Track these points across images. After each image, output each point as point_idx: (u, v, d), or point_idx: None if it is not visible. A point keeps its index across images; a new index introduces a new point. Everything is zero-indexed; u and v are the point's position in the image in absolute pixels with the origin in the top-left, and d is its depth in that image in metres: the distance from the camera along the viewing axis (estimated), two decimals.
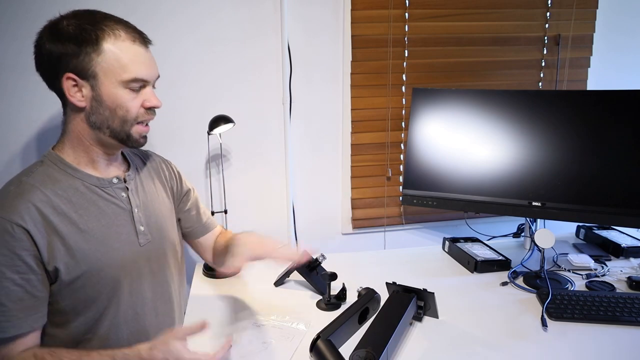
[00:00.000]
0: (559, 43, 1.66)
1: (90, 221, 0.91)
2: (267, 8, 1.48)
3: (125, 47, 0.87)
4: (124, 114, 0.90)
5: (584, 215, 1.30)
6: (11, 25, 1.33)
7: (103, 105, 0.88)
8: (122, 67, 0.87)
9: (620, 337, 1.01)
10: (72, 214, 0.89)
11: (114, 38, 0.86)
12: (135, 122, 0.92)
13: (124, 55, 0.87)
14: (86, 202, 0.92)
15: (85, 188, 0.93)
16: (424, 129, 1.46)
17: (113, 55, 0.86)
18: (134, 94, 0.90)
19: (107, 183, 0.96)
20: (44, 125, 1.41)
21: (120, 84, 0.87)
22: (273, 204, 1.64)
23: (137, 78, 0.89)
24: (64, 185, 0.90)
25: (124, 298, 0.96)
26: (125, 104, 0.89)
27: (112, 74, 0.86)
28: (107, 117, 0.89)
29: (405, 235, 1.76)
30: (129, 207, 0.98)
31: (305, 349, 0.93)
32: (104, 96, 0.88)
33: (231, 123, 1.41)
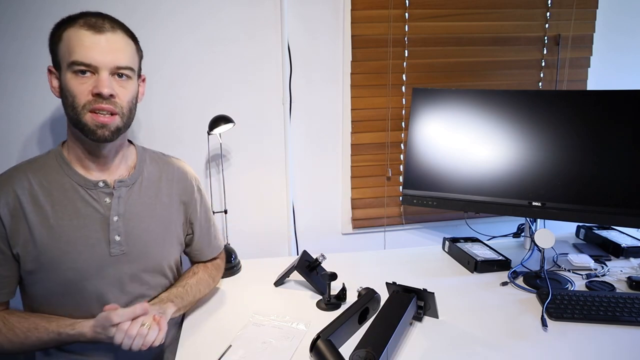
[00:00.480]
0: (559, 43, 1.66)
1: (63, 219, 0.93)
2: (267, 8, 1.48)
3: (75, 32, 0.88)
4: (72, 100, 0.89)
5: (584, 215, 1.30)
6: (11, 25, 1.33)
7: (63, 93, 0.91)
8: (69, 51, 0.88)
9: (620, 337, 1.01)
10: (47, 208, 0.92)
11: (70, 26, 0.89)
12: (86, 109, 0.89)
13: (72, 40, 0.88)
14: (66, 199, 0.93)
15: (69, 185, 0.94)
16: (424, 129, 1.46)
17: (66, 42, 0.88)
18: (81, 79, 0.88)
19: (91, 185, 0.96)
20: (44, 126, 1.41)
21: (67, 69, 0.88)
22: (273, 204, 1.64)
23: (78, 61, 0.87)
24: (51, 178, 0.93)
25: (91, 303, 0.96)
26: (72, 88, 0.88)
27: (64, 59, 0.89)
28: (65, 106, 0.91)
29: (405, 235, 1.76)
30: (107, 213, 0.96)
31: (305, 349, 0.94)
32: (62, 84, 0.90)
33: (231, 123, 1.41)
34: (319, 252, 1.27)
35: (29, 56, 1.36)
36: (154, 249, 1.04)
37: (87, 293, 0.96)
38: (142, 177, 1.04)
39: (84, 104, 0.88)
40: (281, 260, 1.47)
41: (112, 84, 0.89)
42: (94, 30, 0.87)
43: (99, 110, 0.89)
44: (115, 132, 0.92)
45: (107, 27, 0.89)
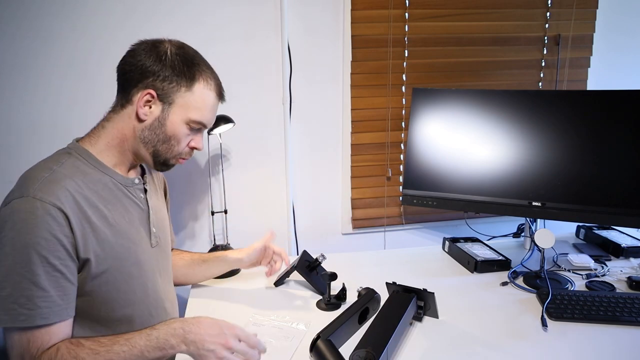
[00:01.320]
0: (559, 43, 1.66)
1: (116, 216, 0.93)
2: (267, 8, 1.48)
3: (210, 96, 0.96)
4: (174, 144, 0.96)
5: (584, 215, 1.30)
6: (11, 25, 1.33)
7: (162, 128, 0.94)
8: (197, 108, 0.95)
9: (620, 337, 1.01)
10: (102, 207, 0.90)
11: (205, 84, 0.95)
12: (179, 156, 0.99)
13: (205, 101, 0.96)
14: (113, 197, 0.94)
15: (112, 184, 0.95)
16: (424, 129, 1.46)
17: (197, 97, 0.94)
18: (189, 132, 0.97)
19: (130, 182, 0.99)
20: (44, 126, 1.41)
21: (186, 120, 0.95)
22: (273, 204, 1.64)
23: (202, 122, 0.97)
24: (93, 178, 0.91)
25: (139, 297, 0.97)
26: (180, 137, 0.96)
27: (186, 110, 0.94)
28: (159, 139, 0.95)
29: (405, 235, 1.76)
30: (146, 208, 1.02)
31: (305, 349, 0.93)
32: (168, 122, 0.94)
33: (231, 123, 1.41)
34: (319, 252, 1.27)
35: (29, 56, 1.36)
36: (169, 239, 1.13)
37: (146, 289, 0.99)
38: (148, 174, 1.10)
39: (181, 152, 0.99)
40: None
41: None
42: (220, 100, 1.01)
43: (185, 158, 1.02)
44: None
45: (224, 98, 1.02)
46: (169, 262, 1.11)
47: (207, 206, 1.58)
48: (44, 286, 0.80)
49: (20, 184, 0.85)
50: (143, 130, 0.94)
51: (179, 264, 1.23)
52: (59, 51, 1.37)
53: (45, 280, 0.80)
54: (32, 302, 0.79)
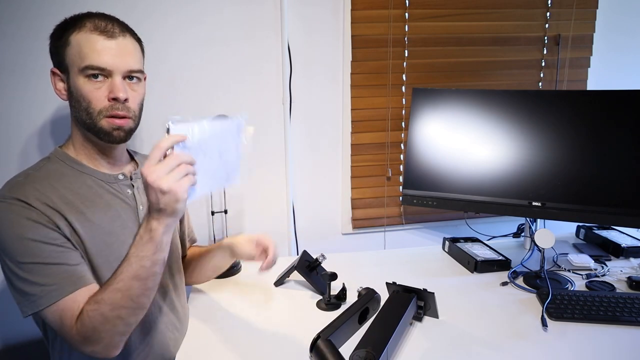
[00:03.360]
0: (559, 43, 1.66)
1: (97, 212, 0.92)
2: (267, 8, 1.48)
3: (86, 37, 0.88)
4: (86, 105, 0.89)
5: (584, 215, 1.30)
6: (11, 26, 1.33)
7: (73, 97, 0.91)
8: (80, 56, 0.88)
9: (620, 337, 1.01)
10: (80, 205, 0.90)
11: (78, 30, 0.88)
12: (102, 114, 0.90)
13: (84, 45, 0.88)
14: (93, 194, 0.93)
15: (92, 182, 0.94)
16: (424, 129, 1.46)
17: (76, 46, 0.88)
18: (96, 83, 0.88)
19: (112, 179, 0.98)
20: (44, 126, 1.41)
21: (80, 74, 0.88)
22: (273, 204, 1.64)
23: (92, 65, 0.87)
24: (71, 179, 0.92)
25: None
26: (86, 94, 0.88)
27: (75, 63, 0.88)
28: (77, 110, 0.91)
29: (405, 235, 1.76)
30: (134, 203, 1.00)
31: (305, 349, 0.93)
32: (72, 88, 0.90)
33: None
34: (319, 252, 1.27)
35: (29, 56, 1.36)
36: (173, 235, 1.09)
37: None
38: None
39: (100, 110, 0.90)
40: (281, 260, 1.47)
41: (125, 88, 0.91)
42: (105, 36, 0.89)
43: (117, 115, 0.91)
44: (128, 133, 0.95)
45: (117, 32, 0.90)
46: (173, 257, 1.10)
47: (207, 206, 1.58)
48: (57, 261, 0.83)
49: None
50: (71, 112, 0.92)
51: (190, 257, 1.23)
52: None
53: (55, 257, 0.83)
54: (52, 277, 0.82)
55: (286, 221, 1.66)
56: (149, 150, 0.78)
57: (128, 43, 0.92)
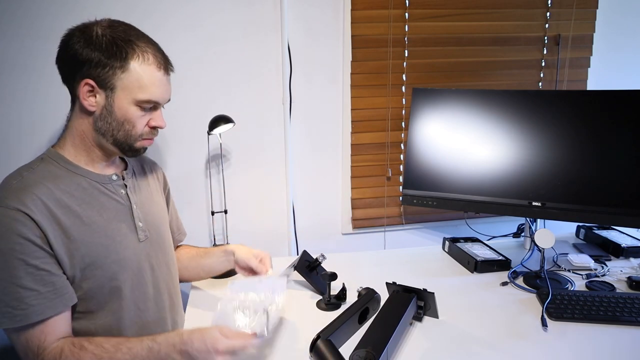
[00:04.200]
0: (559, 43, 1.66)
1: (92, 215, 0.92)
2: (267, 8, 1.48)
3: (149, 71, 0.90)
4: (130, 128, 0.93)
5: (584, 215, 1.30)
6: (11, 25, 1.33)
7: (112, 115, 0.91)
8: (140, 87, 0.90)
9: (620, 337, 1.01)
10: (76, 208, 0.90)
11: (141, 60, 0.89)
12: (139, 138, 0.95)
13: (146, 78, 0.90)
14: (88, 196, 0.93)
15: (87, 184, 0.94)
16: (424, 129, 1.46)
17: (136, 75, 0.89)
18: (143, 112, 0.93)
19: (107, 179, 0.98)
20: (44, 126, 1.41)
21: (133, 102, 0.91)
22: (273, 204, 1.64)
23: (152, 100, 0.92)
24: (65, 180, 0.91)
25: (125, 292, 0.96)
26: (133, 120, 0.92)
27: (130, 91, 0.90)
28: (113, 127, 0.92)
29: (405, 235, 1.76)
30: (128, 203, 1.00)
31: (305, 349, 0.93)
32: (116, 108, 0.91)
33: (231, 123, 1.41)
34: (319, 252, 1.27)
35: (29, 56, 1.36)
36: (164, 232, 1.11)
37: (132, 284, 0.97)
38: (134, 168, 1.09)
39: (140, 134, 0.95)
40: (281, 260, 1.47)
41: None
42: (164, 72, 0.94)
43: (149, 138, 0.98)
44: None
45: (170, 68, 0.96)
46: (167, 256, 1.09)
47: (207, 206, 1.58)
48: (31, 286, 0.82)
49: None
50: (96, 122, 0.91)
51: (183, 257, 1.22)
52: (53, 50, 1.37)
53: (30, 282, 0.82)
54: (23, 302, 0.81)
55: (286, 221, 1.66)
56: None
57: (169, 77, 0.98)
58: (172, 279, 1.11)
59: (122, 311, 0.96)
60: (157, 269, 1.05)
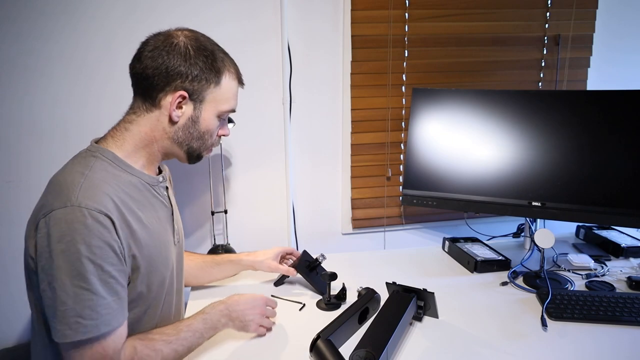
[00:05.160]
0: (559, 43, 1.66)
1: (148, 217, 0.92)
2: (267, 8, 1.48)
3: (234, 85, 0.97)
4: (209, 137, 0.97)
5: (584, 215, 1.30)
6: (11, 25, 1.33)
7: (196, 126, 0.94)
8: (225, 100, 0.95)
9: (620, 337, 1.01)
10: (136, 209, 0.89)
11: (229, 75, 0.95)
12: (211, 147, 1.01)
13: (230, 91, 0.96)
14: (143, 198, 0.93)
15: (141, 185, 0.93)
16: (424, 129, 1.46)
17: (225, 89, 0.94)
18: (219, 123, 0.98)
19: (155, 182, 0.97)
20: (44, 126, 1.41)
21: (217, 113, 0.95)
22: (273, 204, 1.64)
23: (231, 110, 0.98)
24: (124, 181, 0.89)
25: (163, 296, 0.96)
26: (213, 130, 0.97)
27: (217, 103, 0.94)
28: (193, 137, 0.95)
29: (405, 235, 1.76)
30: (169, 206, 1.02)
31: (305, 349, 0.93)
32: (201, 120, 0.94)
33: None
34: (319, 252, 1.27)
35: (28, 56, 1.36)
36: (184, 235, 1.14)
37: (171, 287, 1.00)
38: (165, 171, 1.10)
39: (212, 143, 1.00)
40: None
41: None
42: (241, 86, 1.00)
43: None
44: None
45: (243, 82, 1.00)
46: (182, 260, 1.12)
47: (207, 206, 1.58)
48: (103, 294, 0.79)
49: (56, 192, 0.81)
50: (176, 132, 0.93)
51: (189, 265, 1.22)
52: (59, 51, 1.38)
53: (102, 288, 0.79)
54: (95, 311, 0.78)
55: (286, 221, 1.66)
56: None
57: None
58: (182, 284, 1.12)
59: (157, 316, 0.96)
60: (180, 272, 1.07)
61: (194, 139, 0.95)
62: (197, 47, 0.90)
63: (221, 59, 0.94)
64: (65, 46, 1.38)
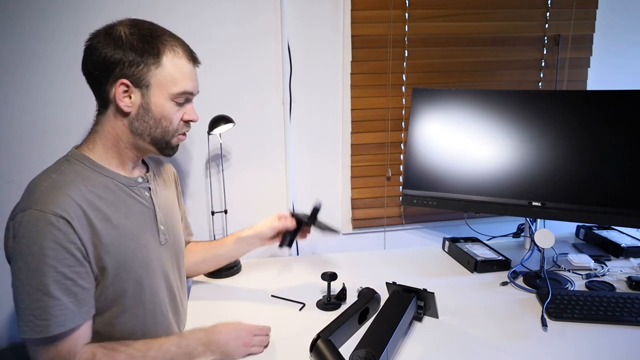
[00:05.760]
0: (559, 43, 1.66)
1: (121, 218, 0.91)
2: (267, 8, 1.48)
3: (181, 64, 0.92)
4: (167, 124, 0.94)
5: (584, 215, 1.30)
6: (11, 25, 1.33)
7: (149, 114, 0.92)
8: (174, 81, 0.91)
9: (620, 337, 1.01)
10: (106, 210, 0.89)
11: (173, 54, 0.91)
12: (177, 133, 0.97)
13: (178, 71, 0.91)
14: (116, 199, 0.92)
15: (114, 186, 0.93)
16: (424, 129, 1.46)
17: (170, 70, 0.90)
18: (178, 107, 0.94)
19: (133, 182, 0.97)
20: (44, 126, 1.41)
21: (169, 97, 0.92)
22: (273, 204, 1.64)
23: (186, 91, 0.94)
24: (95, 182, 0.90)
25: (147, 297, 0.96)
26: (170, 115, 0.93)
27: (165, 86, 0.91)
28: (150, 126, 0.93)
29: (405, 235, 1.76)
30: (152, 206, 1.00)
31: (305, 349, 0.94)
32: (152, 106, 0.91)
33: (231, 123, 1.41)
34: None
35: (31, 57, 1.36)
36: (180, 235, 1.12)
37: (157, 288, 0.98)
38: (154, 171, 1.09)
39: (176, 129, 0.96)
40: (281, 261, 1.48)
41: None
42: (194, 63, 0.96)
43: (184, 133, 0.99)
44: None
45: (197, 60, 0.98)
46: (180, 258, 1.10)
47: (207, 206, 1.58)
48: (56, 295, 0.80)
49: (24, 196, 0.86)
50: (132, 123, 0.91)
51: (198, 250, 1.24)
52: (61, 52, 1.37)
53: (56, 290, 0.80)
54: (47, 312, 0.79)
55: None
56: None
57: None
58: (182, 284, 1.11)
59: (142, 316, 0.95)
60: (172, 273, 1.05)
61: (152, 127, 0.92)
62: (132, 33, 0.88)
63: (161, 39, 0.90)
64: (66, 47, 1.37)
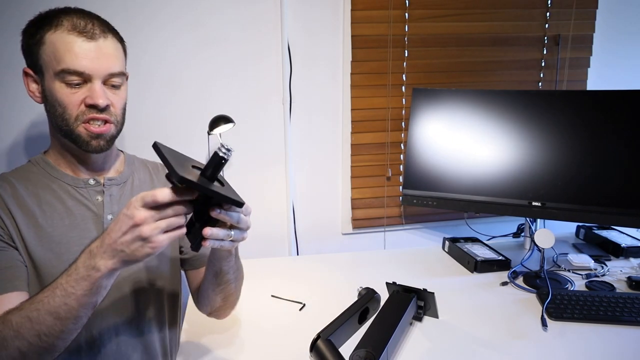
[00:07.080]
0: (559, 43, 1.66)
1: (52, 218, 0.86)
2: (267, 8, 1.48)
3: (62, 37, 0.80)
4: (62, 111, 0.83)
5: (584, 215, 1.30)
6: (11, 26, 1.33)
7: (48, 101, 0.84)
8: (57, 59, 0.80)
9: (620, 337, 1.01)
10: (35, 208, 0.86)
11: (54, 28, 0.80)
12: (79, 121, 0.83)
13: (60, 46, 0.80)
14: (55, 199, 0.88)
15: (57, 186, 0.89)
16: (424, 129, 1.46)
17: (51, 46, 0.81)
18: (72, 89, 0.82)
19: (81, 183, 0.91)
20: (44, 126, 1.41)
21: (55, 77, 0.81)
22: (273, 204, 1.64)
23: (69, 69, 0.80)
24: (37, 182, 0.89)
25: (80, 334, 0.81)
26: (62, 100, 0.82)
27: (50, 66, 0.81)
28: (53, 116, 0.85)
29: (405, 235, 1.76)
30: (100, 212, 0.91)
31: (305, 349, 0.93)
32: (47, 91, 0.83)
33: (231, 123, 1.41)
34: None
35: None
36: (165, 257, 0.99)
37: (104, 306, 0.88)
38: (134, 177, 1.00)
39: (77, 116, 0.83)
40: (281, 261, 1.48)
41: (106, 93, 0.84)
42: (85, 37, 0.81)
43: (92, 121, 0.84)
44: (110, 141, 0.89)
45: (97, 33, 0.82)
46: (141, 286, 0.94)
47: None
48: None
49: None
50: (47, 116, 0.86)
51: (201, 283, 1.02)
52: None
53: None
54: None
55: (286, 221, 1.66)
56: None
57: (109, 44, 0.84)
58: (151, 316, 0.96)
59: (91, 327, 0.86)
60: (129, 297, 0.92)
61: (53, 116, 0.84)
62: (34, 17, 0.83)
63: (46, 15, 0.82)
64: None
